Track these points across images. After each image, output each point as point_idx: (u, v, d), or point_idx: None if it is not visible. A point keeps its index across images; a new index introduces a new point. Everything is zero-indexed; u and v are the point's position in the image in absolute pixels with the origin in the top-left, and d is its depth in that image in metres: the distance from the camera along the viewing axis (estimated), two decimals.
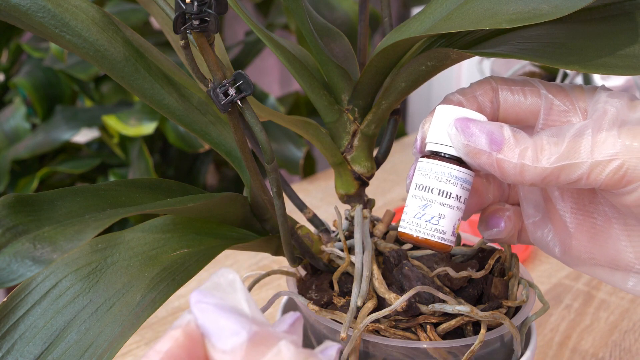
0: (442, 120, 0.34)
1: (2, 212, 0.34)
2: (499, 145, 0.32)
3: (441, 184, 0.34)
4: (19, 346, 0.32)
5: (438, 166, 0.34)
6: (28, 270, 0.33)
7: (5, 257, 0.33)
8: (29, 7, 0.34)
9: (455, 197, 0.34)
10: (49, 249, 0.34)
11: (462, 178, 0.34)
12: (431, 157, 0.34)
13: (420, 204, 0.34)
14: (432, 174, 0.34)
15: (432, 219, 0.34)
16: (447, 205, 0.34)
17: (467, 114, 0.33)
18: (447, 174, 0.34)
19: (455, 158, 0.34)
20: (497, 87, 0.35)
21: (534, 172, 0.32)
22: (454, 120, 0.33)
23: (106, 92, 1.32)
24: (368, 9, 0.43)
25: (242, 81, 0.32)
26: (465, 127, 0.33)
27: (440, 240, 0.34)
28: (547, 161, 0.32)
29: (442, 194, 0.34)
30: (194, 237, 0.38)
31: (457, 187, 0.34)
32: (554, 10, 0.29)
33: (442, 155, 0.34)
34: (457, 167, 0.34)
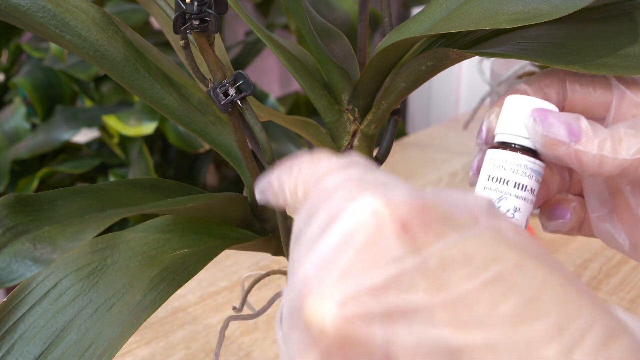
0: (515, 111, 0.33)
1: (2, 212, 0.34)
2: (577, 136, 0.31)
3: (517, 175, 0.33)
4: (18, 346, 0.32)
5: (513, 157, 0.33)
6: (28, 270, 0.33)
7: (5, 257, 0.33)
8: (28, 7, 0.34)
9: (529, 190, 0.33)
10: (49, 249, 0.34)
11: (536, 170, 0.33)
12: (504, 148, 0.33)
13: (495, 197, 0.33)
14: (507, 166, 0.33)
15: (508, 212, 0.33)
16: (522, 198, 0.33)
17: (541, 105, 0.33)
18: (522, 165, 0.33)
19: (529, 149, 0.33)
20: (564, 78, 0.35)
21: (613, 164, 0.31)
22: (532, 110, 0.32)
23: (106, 92, 1.32)
24: (368, 9, 0.43)
25: (242, 81, 0.32)
26: (544, 117, 0.32)
27: None
28: (626, 152, 0.31)
29: (517, 186, 0.33)
30: (194, 237, 0.38)
31: (532, 179, 0.33)
32: (554, 10, 0.29)
33: (516, 147, 0.33)
34: (532, 159, 0.33)
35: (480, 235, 0.22)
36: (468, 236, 0.21)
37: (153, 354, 0.62)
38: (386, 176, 0.24)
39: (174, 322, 0.67)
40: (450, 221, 0.22)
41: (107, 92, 1.32)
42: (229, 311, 0.68)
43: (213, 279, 0.74)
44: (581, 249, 0.78)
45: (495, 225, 0.23)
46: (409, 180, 1.00)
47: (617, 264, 0.75)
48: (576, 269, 0.74)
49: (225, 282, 0.74)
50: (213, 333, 0.65)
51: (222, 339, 0.41)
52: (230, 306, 0.70)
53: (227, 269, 0.76)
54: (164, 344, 0.64)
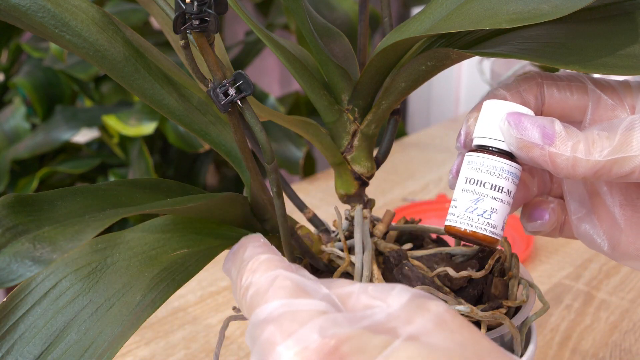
0: (491, 115, 0.34)
1: (2, 212, 0.34)
2: (551, 138, 0.32)
3: (493, 178, 0.34)
4: (18, 346, 0.32)
5: (490, 160, 0.34)
6: (28, 270, 0.33)
7: (5, 257, 0.33)
8: (28, 7, 0.34)
9: (506, 192, 0.34)
10: (49, 249, 0.34)
11: (513, 172, 0.34)
12: (481, 151, 0.34)
13: (472, 198, 0.34)
14: (484, 168, 0.34)
15: (485, 213, 0.34)
16: (499, 200, 0.34)
17: (516, 109, 0.34)
18: (499, 168, 0.34)
19: (505, 152, 0.34)
20: (542, 83, 0.35)
21: (587, 166, 0.32)
22: (506, 114, 0.33)
23: (106, 92, 1.32)
24: (368, 9, 0.43)
25: (242, 81, 0.32)
26: (518, 121, 0.33)
27: (492, 235, 0.34)
28: (599, 154, 0.32)
29: (494, 188, 0.34)
30: (194, 237, 0.38)
31: (508, 181, 0.34)
32: (554, 10, 0.29)
33: (492, 150, 0.34)
34: (508, 162, 0.34)
35: (397, 354, 0.23)
36: None
37: (153, 354, 0.62)
38: (307, 303, 0.26)
39: (174, 322, 0.67)
40: (366, 350, 0.23)
41: (107, 92, 1.32)
42: (229, 311, 0.68)
43: (213, 279, 0.74)
44: (581, 249, 0.78)
45: (413, 331, 0.24)
46: (409, 180, 1.00)
47: (617, 265, 0.75)
48: (576, 269, 0.74)
49: (225, 282, 0.74)
50: (213, 333, 0.65)
51: (222, 339, 0.41)
52: (230, 306, 0.70)
53: None
54: (164, 344, 0.64)
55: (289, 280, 0.28)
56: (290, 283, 0.27)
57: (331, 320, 0.25)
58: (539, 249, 0.78)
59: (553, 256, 0.77)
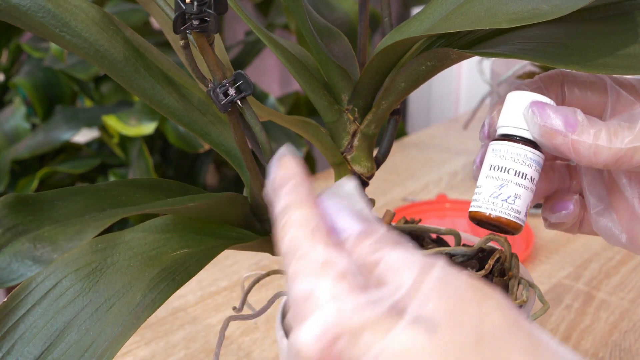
0: (515, 105, 0.35)
1: (2, 212, 0.34)
2: (573, 126, 0.33)
3: (517, 164, 0.35)
4: (19, 346, 0.32)
5: (514, 147, 0.35)
6: (28, 270, 0.33)
7: (6, 256, 0.33)
8: (29, 7, 0.34)
9: (529, 179, 0.35)
10: (49, 249, 0.34)
11: (536, 160, 0.35)
12: (505, 139, 0.35)
13: (497, 184, 0.35)
14: (508, 155, 0.35)
15: (509, 199, 0.35)
16: (522, 186, 0.35)
17: (539, 98, 0.34)
18: (522, 155, 0.35)
19: (529, 141, 0.35)
20: (563, 80, 0.37)
21: (608, 153, 0.33)
22: (530, 102, 0.34)
23: (106, 92, 1.32)
24: (368, 9, 0.43)
25: (242, 81, 0.32)
26: (542, 109, 0.34)
27: (516, 220, 0.35)
28: (621, 142, 0.32)
29: (517, 174, 0.35)
30: (194, 237, 0.38)
31: (531, 168, 0.35)
32: (554, 10, 0.29)
33: (516, 138, 0.35)
34: (531, 149, 0.35)
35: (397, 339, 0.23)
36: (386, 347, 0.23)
37: (153, 354, 0.62)
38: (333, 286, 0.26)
39: (174, 322, 0.67)
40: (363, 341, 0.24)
41: (107, 92, 1.32)
42: (229, 311, 0.68)
43: (213, 279, 0.74)
44: (581, 249, 0.78)
45: (417, 311, 0.24)
46: (409, 180, 1.00)
47: (617, 265, 0.75)
48: (576, 269, 0.74)
49: (225, 282, 0.74)
50: (213, 333, 0.65)
51: (222, 339, 0.41)
52: (230, 306, 0.70)
53: (227, 269, 0.76)
54: (164, 344, 0.64)
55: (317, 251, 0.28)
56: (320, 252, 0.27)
57: (340, 309, 0.25)
58: (539, 249, 0.78)
59: (553, 256, 0.77)
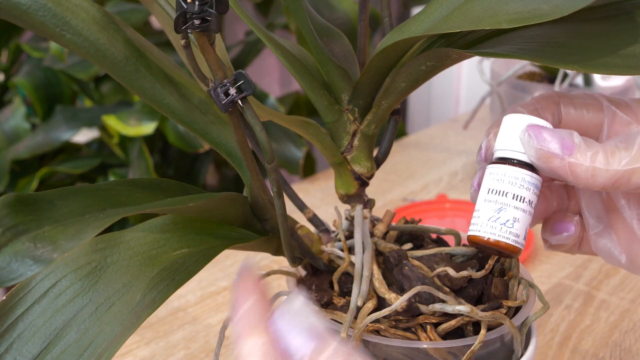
0: (512, 128, 0.35)
1: (2, 212, 0.34)
2: (570, 149, 0.33)
3: (515, 188, 0.35)
4: (17, 345, 0.32)
5: (511, 171, 0.35)
6: (28, 269, 0.33)
7: (6, 256, 0.33)
8: (29, 5, 0.34)
9: (528, 202, 0.35)
10: (49, 249, 0.34)
11: (534, 183, 0.35)
12: (502, 163, 0.35)
13: (495, 208, 0.35)
14: (506, 179, 0.35)
15: (507, 222, 0.34)
16: (521, 209, 0.35)
17: (535, 121, 0.34)
18: (520, 178, 0.35)
19: (526, 164, 0.35)
20: (559, 101, 0.37)
21: (606, 175, 0.32)
22: (526, 126, 0.34)
23: (106, 92, 1.32)
24: (368, 9, 0.43)
25: (242, 81, 0.32)
26: (538, 132, 0.34)
27: (514, 244, 0.35)
28: (618, 164, 0.32)
29: (516, 197, 0.34)
30: (194, 237, 0.38)
31: (529, 191, 0.35)
32: (554, 11, 0.29)
33: (513, 161, 0.35)
34: (529, 172, 0.35)
35: None
36: None
37: (153, 353, 0.62)
38: None
39: (174, 322, 0.67)
40: None
41: (107, 92, 1.32)
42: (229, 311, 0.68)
43: (213, 279, 0.74)
44: None
45: None
46: (409, 180, 1.00)
47: None
48: (576, 269, 0.74)
49: (225, 282, 0.74)
50: (213, 333, 0.65)
51: (222, 339, 0.41)
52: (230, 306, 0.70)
53: (227, 269, 0.76)
54: (164, 344, 0.64)
55: None
56: None
57: None
58: (539, 249, 0.78)
59: (553, 256, 0.77)
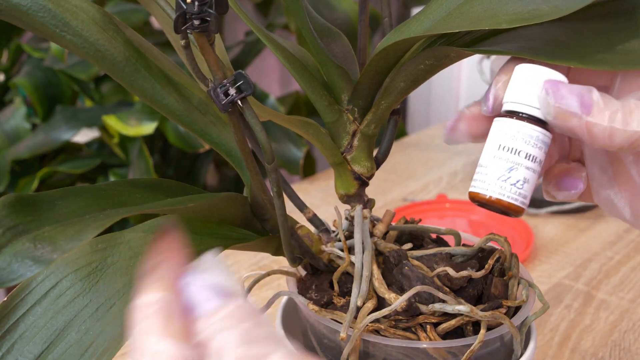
0: (525, 80, 0.33)
1: (2, 212, 0.34)
2: (588, 108, 0.31)
3: (529, 146, 0.33)
4: (19, 346, 0.32)
5: (526, 128, 0.32)
6: (28, 270, 0.33)
7: (6, 257, 0.33)
8: (29, 6, 0.34)
9: (538, 162, 0.33)
10: (49, 249, 0.34)
11: (546, 142, 0.33)
12: (515, 117, 0.33)
13: (506, 166, 0.33)
14: (519, 136, 0.32)
15: (518, 183, 0.33)
16: (532, 169, 0.33)
17: (552, 75, 0.32)
18: (534, 137, 0.32)
19: (539, 120, 0.33)
20: None
21: (624, 136, 0.31)
22: (544, 81, 0.32)
23: (106, 92, 1.32)
24: (368, 9, 0.43)
25: (242, 81, 0.32)
26: (556, 89, 0.32)
27: (522, 205, 0.33)
28: (637, 125, 0.31)
29: (528, 157, 0.33)
30: (194, 237, 0.38)
31: (541, 150, 0.33)
32: (554, 11, 0.29)
33: (525, 116, 0.33)
34: (543, 130, 0.33)
35: None
36: None
37: None
38: None
39: None
40: None
41: (107, 92, 1.32)
42: None
43: None
44: (581, 249, 0.78)
45: None
46: (409, 180, 1.00)
47: (616, 264, 0.75)
48: (576, 269, 0.74)
49: None
50: None
51: None
52: None
53: None
54: None
55: None
56: None
57: None
58: (539, 249, 0.78)
59: (553, 256, 0.77)
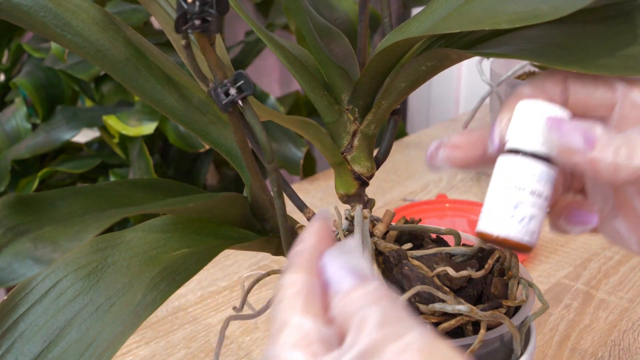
0: (527, 116, 0.33)
1: (3, 212, 0.34)
2: (592, 143, 0.31)
3: (533, 183, 0.32)
4: (18, 345, 0.32)
5: (529, 164, 0.32)
6: (29, 270, 0.33)
7: (6, 257, 0.33)
8: (30, 6, 0.34)
9: (544, 197, 0.33)
10: (50, 249, 0.34)
11: (551, 177, 0.33)
12: (518, 154, 0.33)
13: (512, 204, 0.32)
14: (524, 173, 0.32)
15: (524, 220, 0.32)
16: (538, 206, 0.32)
17: (554, 112, 0.32)
18: (538, 173, 0.32)
19: (542, 156, 0.33)
20: (566, 78, 0.34)
21: (628, 171, 0.31)
22: (546, 118, 0.32)
23: (107, 92, 1.32)
24: (368, 9, 0.43)
25: (242, 81, 0.32)
26: (559, 125, 0.32)
27: (530, 242, 0.33)
28: None
29: (534, 193, 0.32)
30: (194, 237, 0.38)
31: (546, 186, 0.33)
32: (554, 11, 0.29)
33: (529, 153, 0.33)
34: (546, 167, 0.33)
35: None
36: None
37: (153, 353, 0.62)
38: None
39: (174, 321, 0.67)
40: None
41: (107, 92, 1.32)
42: (229, 311, 0.68)
43: (213, 279, 0.74)
44: (580, 249, 0.78)
45: None
46: (409, 180, 1.00)
47: (616, 264, 0.75)
48: (575, 269, 0.74)
49: (225, 282, 0.74)
50: (213, 333, 0.65)
51: (222, 338, 0.41)
52: (230, 306, 0.70)
53: (227, 269, 0.76)
54: (164, 344, 0.64)
55: None
56: None
57: None
58: (539, 249, 0.78)
59: (553, 256, 0.77)
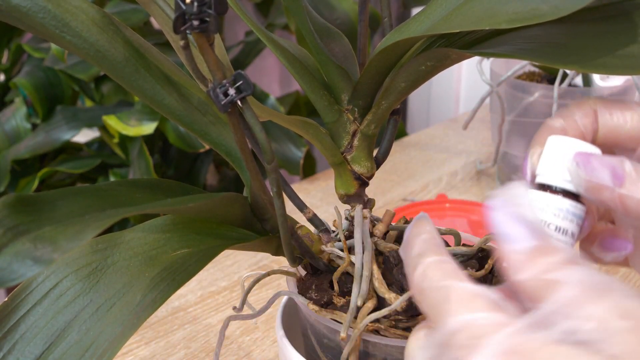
0: (556, 152, 0.33)
1: (2, 212, 0.34)
2: (620, 179, 0.31)
3: (558, 219, 0.32)
4: (19, 346, 0.32)
5: (555, 201, 0.32)
6: (29, 270, 0.33)
7: (6, 257, 0.33)
8: (29, 7, 0.34)
9: (570, 235, 0.32)
10: (50, 249, 0.34)
11: (578, 214, 0.32)
12: (546, 190, 0.33)
13: None
14: (549, 209, 0.32)
15: None
16: (562, 242, 0.32)
17: (583, 148, 0.32)
18: (564, 210, 0.32)
19: (571, 192, 0.32)
20: (596, 109, 0.34)
21: None
22: (574, 154, 0.32)
23: (106, 92, 1.32)
24: (368, 9, 0.43)
25: (242, 81, 0.32)
26: (587, 161, 0.32)
27: None
28: None
29: (559, 230, 0.32)
30: (194, 237, 0.38)
31: (573, 223, 0.32)
32: (554, 11, 0.29)
33: (557, 189, 0.32)
34: (574, 203, 0.32)
35: None
36: None
37: (153, 353, 0.62)
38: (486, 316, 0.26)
39: (174, 321, 0.67)
40: None
41: (107, 92, 1.32)
42: (229, 311, 0.68)
43: (213, 279, 0.74)
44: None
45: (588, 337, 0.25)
46: (409, 180, 1.00)
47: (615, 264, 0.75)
48: None
49: (225, 282, 0.74)
50: (213, 333, 0.65)
51: (222, 338, 0.41)
52: (230, 306, 0.70)
53: (227, 269, 0.76)
54: (164, 344, 0.64)
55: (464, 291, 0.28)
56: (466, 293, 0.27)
57: (513, 334, 0.25)
58: None
59: None
